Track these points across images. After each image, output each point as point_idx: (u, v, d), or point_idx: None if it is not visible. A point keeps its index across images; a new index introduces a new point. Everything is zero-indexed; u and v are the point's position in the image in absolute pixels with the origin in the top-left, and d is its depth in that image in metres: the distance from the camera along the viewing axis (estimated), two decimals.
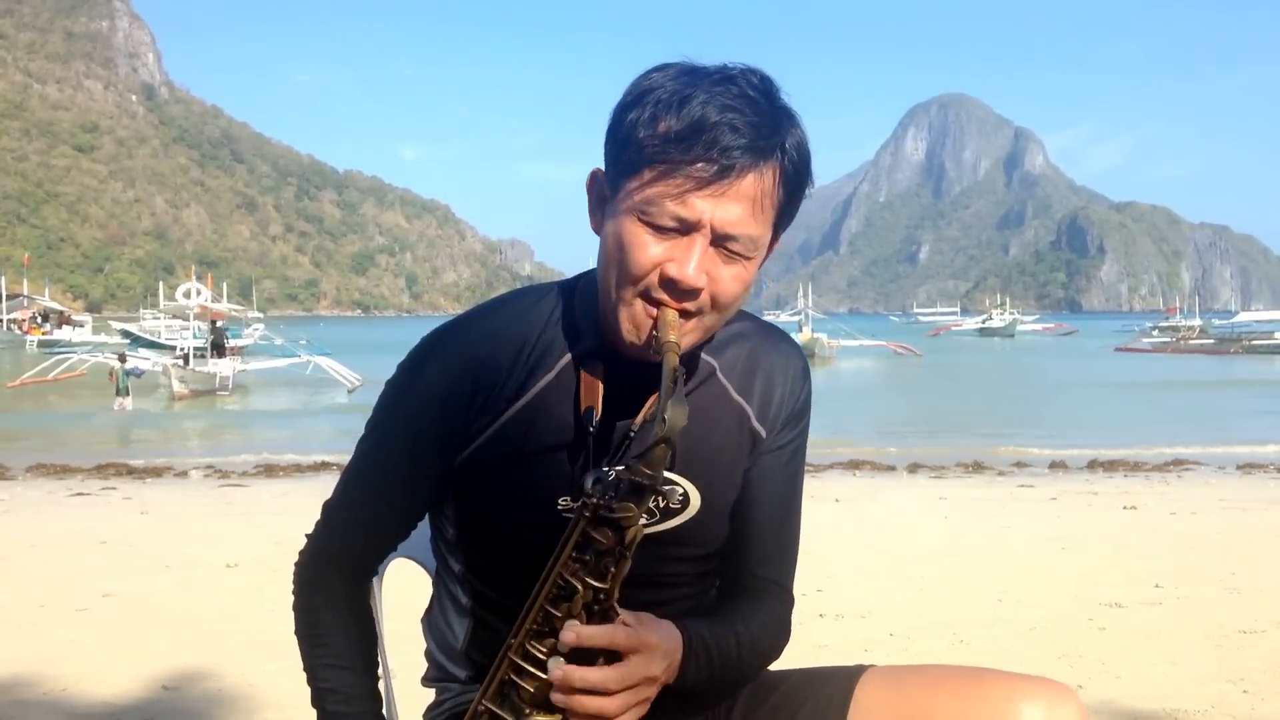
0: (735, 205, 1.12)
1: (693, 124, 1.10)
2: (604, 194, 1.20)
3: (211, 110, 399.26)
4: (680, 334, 1.13)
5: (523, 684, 1.11)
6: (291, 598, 1.32)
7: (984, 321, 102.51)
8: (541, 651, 1.11)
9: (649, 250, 1.13)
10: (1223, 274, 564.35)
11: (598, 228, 1.21)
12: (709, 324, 1.19)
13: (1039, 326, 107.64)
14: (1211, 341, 59.38)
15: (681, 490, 1.26)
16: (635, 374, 1.21)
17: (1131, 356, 51.53)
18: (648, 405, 1.22)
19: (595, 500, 1.07)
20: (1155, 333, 69.90)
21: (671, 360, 1.09)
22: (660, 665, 1.13)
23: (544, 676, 1.10)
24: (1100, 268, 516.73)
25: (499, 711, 1.13)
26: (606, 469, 1.21)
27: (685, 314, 1.15)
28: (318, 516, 1.33)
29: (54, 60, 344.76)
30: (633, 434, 1.22)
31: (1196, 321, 70.92)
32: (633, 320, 1.16)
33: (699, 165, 1.10)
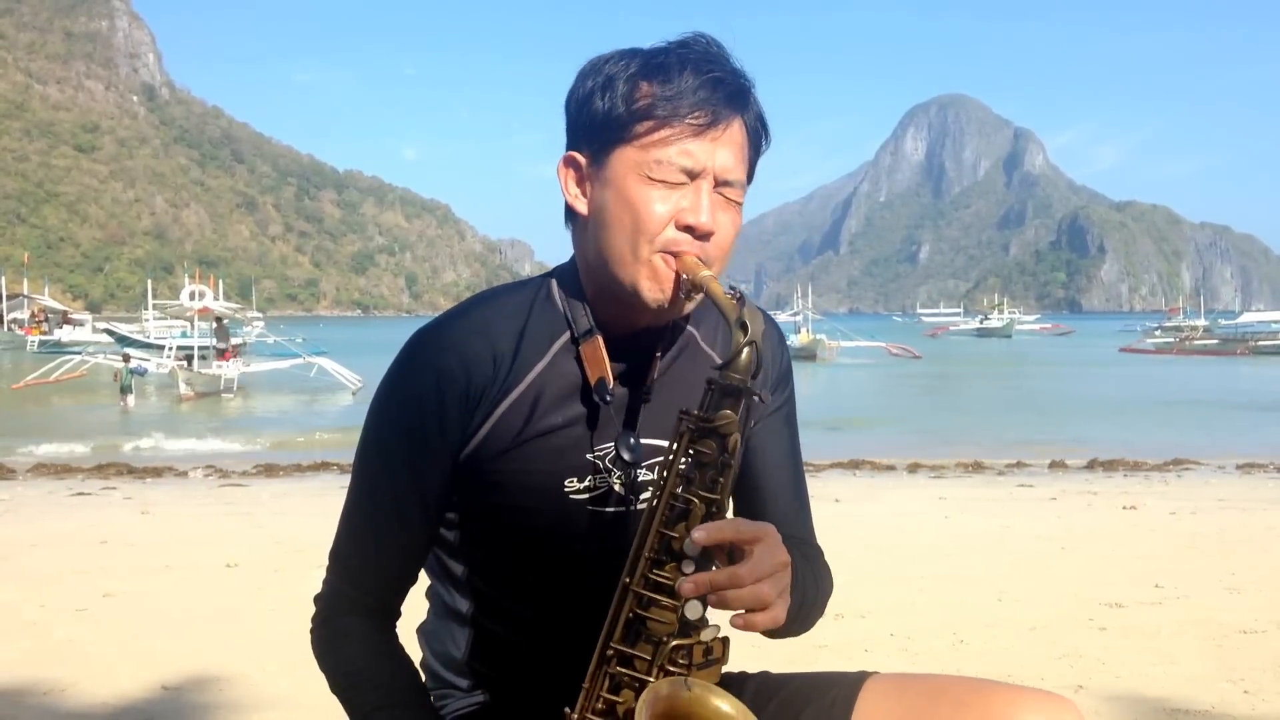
0: (728, 149, 1.19)
1: (680, 81, 1.17)
2: (585, 174, 1.23)
3: (212, 110, 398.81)
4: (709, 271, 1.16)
5: (651, 615, 1.08)
6: (316, 661, 1.26)
7: (981, 322, 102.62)
8: (665, 577, 1.08)
9: (660, 204, 1.17)
10: (1223, 274, 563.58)
11: (584, 207, 1.23)
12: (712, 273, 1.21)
13: (1037, 327, 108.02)
14: (1216, 342, 58.60)
15: None
16: (630, 348, 1.24)
17: (1138, 361, 50.38)
18: (654, 366, 1.25)
19: (695, 413, 1.08)
20: (1159, 333, 69.39)
21: (716, 287, 1.12)
22: (785, 550, 1.10)
23: (674, 602, 1.07)
24: (1100, 268, 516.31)
25: (632, 651, 1.09)
26: (633, 431, 1.23)
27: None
28: (325, 566, 1.29)
29: (54, 60, 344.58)
30: (646, 396, 1.24)
31: (1201, 322, 70.38)
32: (655, 277, 1.18)
33: (696, 114, 1.16)
